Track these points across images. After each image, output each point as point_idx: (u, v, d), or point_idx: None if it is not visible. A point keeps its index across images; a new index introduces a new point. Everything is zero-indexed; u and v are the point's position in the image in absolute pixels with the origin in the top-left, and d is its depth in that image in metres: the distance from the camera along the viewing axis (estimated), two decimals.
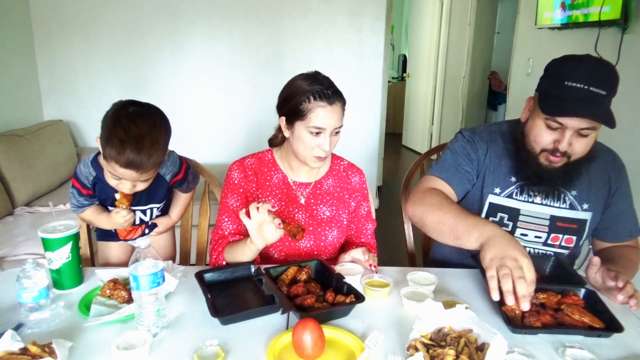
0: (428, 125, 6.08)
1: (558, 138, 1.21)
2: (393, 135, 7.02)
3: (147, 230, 1.54)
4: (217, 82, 3.61)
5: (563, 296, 1.12)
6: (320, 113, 1.26)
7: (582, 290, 1.13)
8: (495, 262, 1.03)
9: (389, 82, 6.01)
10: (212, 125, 3.70)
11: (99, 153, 1.35)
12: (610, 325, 1.02)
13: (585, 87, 1.14)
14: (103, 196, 1.41)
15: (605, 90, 1.15)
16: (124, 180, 1.26)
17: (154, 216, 1.53)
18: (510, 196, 1.37)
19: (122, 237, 1.52)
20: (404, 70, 7.55)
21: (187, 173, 1.51)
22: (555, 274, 1.28)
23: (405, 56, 7.68)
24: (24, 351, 0.86)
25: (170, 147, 1.74)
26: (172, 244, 1.68)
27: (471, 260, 1.28)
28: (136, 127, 1.19)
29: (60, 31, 3.36)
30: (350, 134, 3.65)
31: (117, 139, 1.17)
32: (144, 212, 1.49)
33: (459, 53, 5.55)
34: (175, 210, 1.59)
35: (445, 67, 5.74)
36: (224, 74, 3.59)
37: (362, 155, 3.77)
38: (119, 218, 1.36)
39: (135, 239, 1.48)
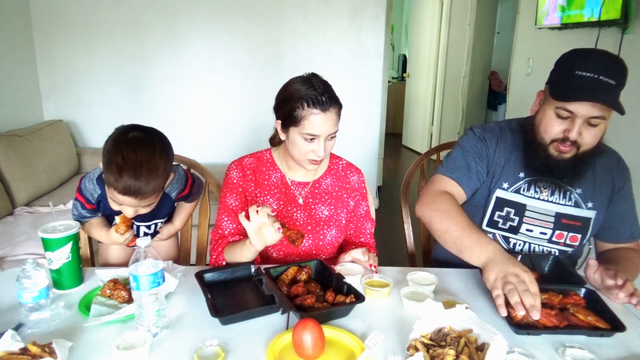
0: (428, 125, 6.08)
1: (568, 127, 1.23)
2: (393, 135, 7.02)
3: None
4: (217, 82, 3.61)
5: (564, 296, 1.12)
6: (314, 120, 1.26)
7: (583, 290, 1.14)
8: (499, 282, 1.06)
9: (389, 82, 6.01)
10: (212, 125, 3.70)
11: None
12: (613, 325, 1.02)
13: (595, 76, 1.17)
14: (107, 212, 1.41)
15: (614, 80, 1.17)
16: (127, 208, 1.26)
17: (158, 228, 1.53)
18: (517, 191, 1.38)
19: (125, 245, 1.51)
20: (404, 70, 7.55)
21: (193, 187, 1.51)
22: (555, 273, 1.28)
23: (405, 56, 7.68)
24: (24, 351, 0.86)
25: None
26: (176, 246, 1.68)
27: None
28: (134, 154, 1.17)
29: (60, 31, 3.36)
30: (350, 134, 3.66)
31: (115, 165, 1.16)
32: (147, 226, 1.49)
33: (459, 53, 5.55)
34: (179, 219, 1.58)
35: (445, 67, 5.74)
36: (223, 73, 3.59)
37: (362, 155, 3.77)
38: (118, 238, 1.34)
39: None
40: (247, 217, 1.18)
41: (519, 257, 1.31)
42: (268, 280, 1.14)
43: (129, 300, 1.10)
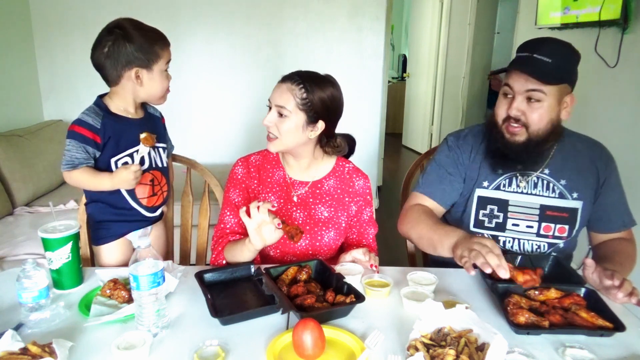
0: (428, 125, 6.08)
1: (510, 104, 1.31)
2: (393, 135, 7.02)
3: (165, 193, 1.53)
4: (217, 82, 3.61)
5: (565, 295, 1.12)
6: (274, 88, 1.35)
7: (583, 290, 1.14)
8: (465, 252, 1.11)
9: (389, 82, 6.01)
10: (212, 125, 3.70)
11: (99, 97, 1.42)
12: (613, 325, 1.02)
13: (530, 54, 1.28)
14: (117, 134, 1.37)
15: (550, 59, 1.25)
16: (167, 72, 1.45)
17: (164, 161, 1.53)
18: (498, 188, 1.42)
19: (148, 204, 1.47)
20: (404, 70, 7.55)
21: (164, 124, 1.61)
22: (555, 273, 1.28)
23: (405, 56, 7.69)
24: (24, 351, 0.86)
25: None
26: (165, 238, 1.66)
27: None
28: (127, 21, 1.43)
29: (60, 31, 3.36)
30: (351, 134, 3.66)
31: (153, 35, 1.41)
32: (156, 149, 1.49)
33: (459, 53, 5.55)
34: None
35: (445, 67, 5.74)
36: (224, 73, 3.59)
37: (362, 155, 3.74)
38: (129, 173, 1.32)
39: (159, 206, 1.51)
40: (248, 213, 1.19)
41: (519, 257, 1.32)
42: (268, 280, 1.14)
43: (129, 300, 1.10)
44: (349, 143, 1.51)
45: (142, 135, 1.37)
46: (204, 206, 1.71)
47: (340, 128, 1.49)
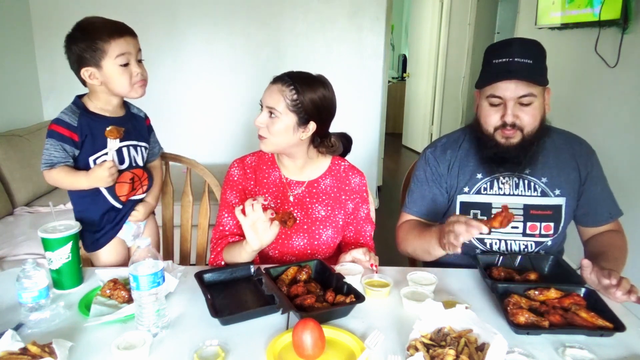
0: (428, 125, 6.08)
1: (503, 112, 1.29)
2: (393, 135, 7.02)
3: (145, 188, 1.48)
4: (217, 82, 3.61)
5: (565, 295, 1.12)
6: (266, 89, 1.36)
7: (583, 290, 1.14)
8: (443, 239, 1.20)
9: (389, 82, 6.02)
10: (212, 125, 3.70)
11: (78, 97, 1.42)
12: (613, 325, 1.02)
13: (510, 59, 1.26)
14: (94, 132, 1.35)
15: (530, 59, 1.26)
16: (133, 62, 1.36)
17: (144, 158, 1.49)
18: (479, 192, 1.42)
19: (123, 195, 1.42)
20: (404, 70, 7.55)
21: (150, 125, 1.57)
22: (555, 273, 1.29)
23: (405, 56, 7.69)
24: (24, 351, 0.86)
25: (171, 146, 1.75)
26: (157, 238, 1.64)
27: (471, 260, 1.32)
28: (90, 17, 1.38)
29: (60, 31, 3.30)
30: (350, 134, 3.66)
31: (96, 31, 1.35)
32: (136, 148, 1.45)
33: (459, 53, 5.55)
34: (152, 194, 1.55)
35: (445, 67, 5.74)
36: (224, 73, 3.59)
37: (362, 155, 3.76)
38: (103, 171, 1.29)
39: (133, 198, 1.45)
40: (244, 212, 1.19)
41: (519, 257, 1.32)
42: (268, 280, 1.14)
43: (129, 300, 1.10)
44: (345, 142, 1.51)
45: (107, 129, 1.32)
46: (203, 206, 1.71)
47: (340, 128, 1.49)
